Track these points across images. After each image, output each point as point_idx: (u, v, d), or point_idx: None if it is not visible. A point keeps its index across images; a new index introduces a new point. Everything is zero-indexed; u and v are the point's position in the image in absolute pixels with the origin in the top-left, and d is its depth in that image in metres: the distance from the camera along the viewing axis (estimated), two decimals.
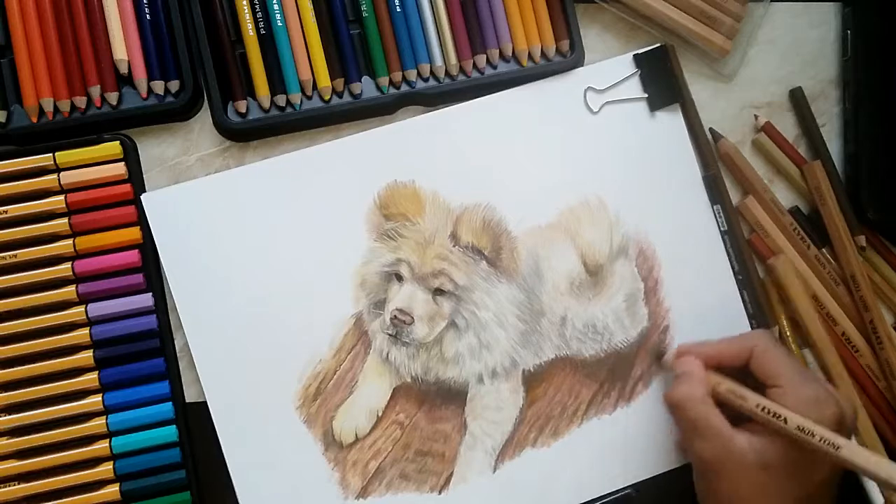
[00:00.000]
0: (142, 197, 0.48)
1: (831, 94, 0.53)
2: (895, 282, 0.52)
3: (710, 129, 0.52)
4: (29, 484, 0.46)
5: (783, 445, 0.40)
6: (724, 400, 0.42)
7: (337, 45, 0.49)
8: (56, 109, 0.47)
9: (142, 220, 0.48)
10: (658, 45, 0.51)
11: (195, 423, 0.48)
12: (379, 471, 0.48)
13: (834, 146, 0.52)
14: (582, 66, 0.51)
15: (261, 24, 0.48)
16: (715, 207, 0.51)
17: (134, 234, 0.48)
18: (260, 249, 0.48)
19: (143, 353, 0.48)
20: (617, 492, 0.49)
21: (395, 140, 0.49)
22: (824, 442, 0.38)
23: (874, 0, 0.51)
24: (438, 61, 0.49)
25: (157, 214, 0.48)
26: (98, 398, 0.47)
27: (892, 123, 0.51)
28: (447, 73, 0.50)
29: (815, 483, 0.41)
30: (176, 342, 0.48)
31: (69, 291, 0.47)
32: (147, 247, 0.48)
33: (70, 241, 0.47)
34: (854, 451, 0.37)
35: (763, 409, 0.40)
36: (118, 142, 0.48)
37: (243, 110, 0.48)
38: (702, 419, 0.41)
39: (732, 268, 0.51)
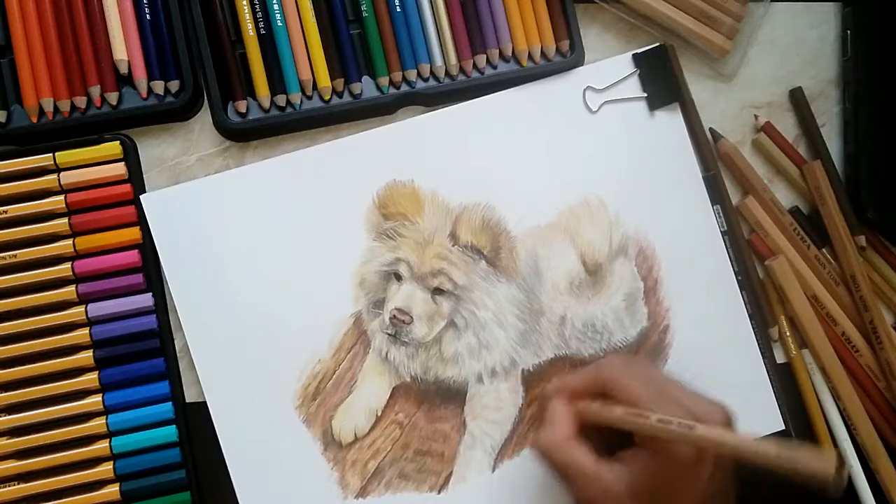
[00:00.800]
0: (142, 197, 0.48)
1: (831, 94, 0.53)
2: (895, 282, 0.52)
3: (710, 129, 0.52)
4: (29, 484, 0.47)
5: (646, 463, 0.39)
6: (598, 420, 0.41)
7: (337, 45, 0.49)
8: (56, 109, 0.47)
9: (142, 221, 0.48)
10: (658, 44, 0.51)
11: (195, 423, 0.48)
12: (378, 470, 0.48)
13: (834, 146, 0.52)
14: (582, 65, 0.51)
15: (261, 24, 0.48)
16: (715, 207, 0.51)
17: (134, 234, 0.48)
18: (259, 249, 0.48)
19: (143, 353, 0.48)
20: None
21: (394, 140, 0.49)
22: (680, 426, 0.37)
23: (874, 0, 0.51)
24: (438, 61, 0.49)
25: (156, 215, 0.48)
26: (98, 398, 0.47)
27: (892, 123, 0.51)
28: (447, 73, 0.50)
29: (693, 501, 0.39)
30: (176, 342, 0.48)
31: (69, 291, 0.47)
32: (147, 247, 0.48)
33: (70, 241, 0.47)
34: (709, 430, 0.36)
35: (629, 413, 0.39)
36: (118, 142, 0.48)
37: (243, 110, 0.48)
38: (567, 461, 0.40)
39: (732, 268, 0.51)
